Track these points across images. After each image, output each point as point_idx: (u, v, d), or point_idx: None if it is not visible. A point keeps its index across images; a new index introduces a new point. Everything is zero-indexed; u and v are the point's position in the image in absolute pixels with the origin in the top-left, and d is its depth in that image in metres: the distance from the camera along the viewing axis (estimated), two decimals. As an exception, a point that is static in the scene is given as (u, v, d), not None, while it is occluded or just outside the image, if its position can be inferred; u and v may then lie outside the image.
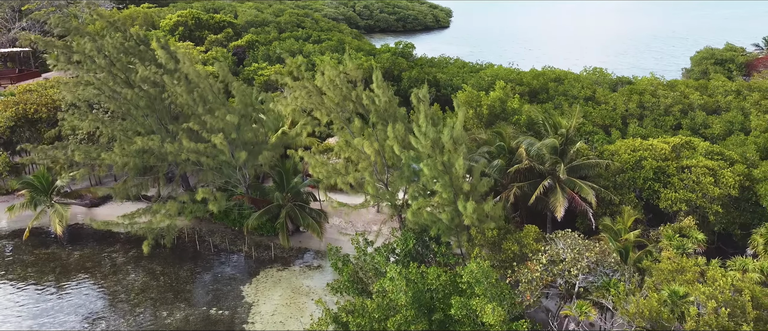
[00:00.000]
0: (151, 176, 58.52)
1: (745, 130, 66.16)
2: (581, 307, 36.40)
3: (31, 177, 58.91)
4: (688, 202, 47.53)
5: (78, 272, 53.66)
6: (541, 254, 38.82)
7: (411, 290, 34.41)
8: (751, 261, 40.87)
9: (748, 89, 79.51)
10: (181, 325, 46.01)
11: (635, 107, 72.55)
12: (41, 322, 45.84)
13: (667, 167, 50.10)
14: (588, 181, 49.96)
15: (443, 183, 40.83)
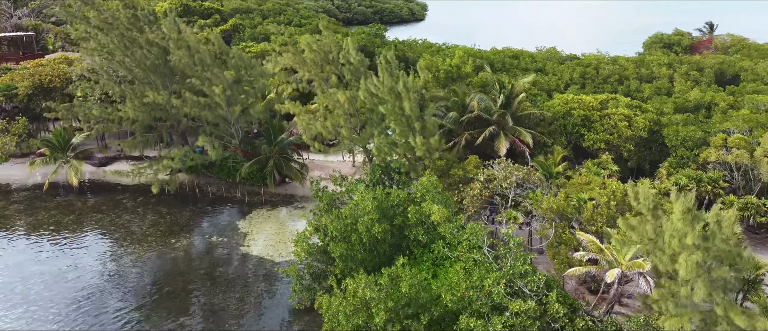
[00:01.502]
0: (156, 133, 67.14)
1: (669, 93, 76.83)
2: (510, 214, 46.34)
3: (50, 136, 67.55)
4: (607, 142, 57.84)
5: (95, 213, 62.39)
6: (480, 174, 48.65)
7: (376, 203, 43.80)
8: (649, 182, 51.15)
9: (678, 63, 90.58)
10: (188, 248, 55.18)
11: (578, 77, 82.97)
12: (68, 252, 54.61)
13: (592, 115, 60.37)
14: (527, 128, 60.07)
15: (398, 122, 50.57)
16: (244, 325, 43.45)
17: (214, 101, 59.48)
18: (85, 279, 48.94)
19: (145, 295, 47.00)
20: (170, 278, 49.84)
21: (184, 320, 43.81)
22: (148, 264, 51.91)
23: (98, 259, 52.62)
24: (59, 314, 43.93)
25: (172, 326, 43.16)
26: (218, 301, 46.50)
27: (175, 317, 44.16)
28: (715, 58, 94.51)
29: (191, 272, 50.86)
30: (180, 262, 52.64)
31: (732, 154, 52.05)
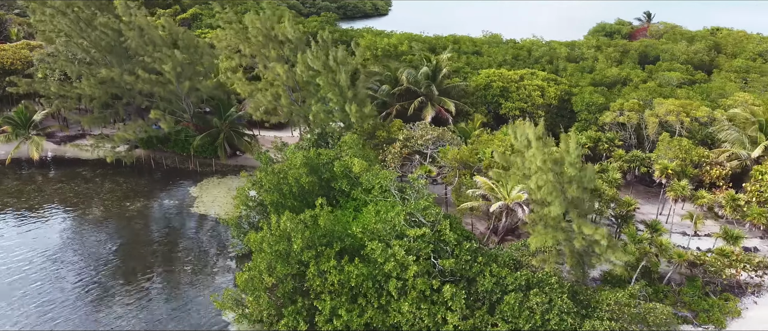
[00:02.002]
0: (113, 110, 71.93)
1: (592, 71, 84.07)
2: (424, 168, 52.63)
3: (12, 113, 71.96)
4: (521, 109, 64.57)
5: (55, 184, 67.14)
6: (400, 134, 54.90)
7: (304, 159, 49.59)
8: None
9: (606, 46, 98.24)
10: (142, 209, 60.46)
11: (511, 58, 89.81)
12: (29, 217, 59.42)
13: (510, 87, 67.07)
14: (452, 98, 66.53)
15: (333, 92, 56.56)
16: (191, 270, 49.04)
17: (165, 78, 64.65)
18: (45, 240, 53.96)
19: (102, 248, 52.27)
20: (124, 233, 55.19)
21: (136, 266, 49.30)
22: (103, 223, 57.10)
23: (59, 221, 57.62)
24: (23, 273, 48.97)
25: (126, 272, 48.60)
26: (168, 251, 52.04)
27: (129, 266, 49.61)
28: (641, 42, 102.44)
29: (143, 229, 56.30)
30: (133, 220, 57.94)
31: (624, 116, 59.10)
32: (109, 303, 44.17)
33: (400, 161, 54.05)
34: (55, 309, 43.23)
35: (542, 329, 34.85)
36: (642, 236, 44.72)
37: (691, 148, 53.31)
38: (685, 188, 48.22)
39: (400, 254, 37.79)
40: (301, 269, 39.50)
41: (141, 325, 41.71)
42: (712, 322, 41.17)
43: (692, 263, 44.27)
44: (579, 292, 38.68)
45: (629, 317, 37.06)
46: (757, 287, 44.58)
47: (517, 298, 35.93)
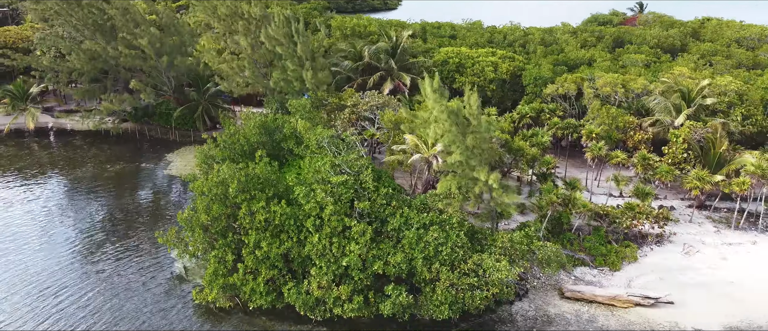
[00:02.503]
0: (101, 84, 77.80)
1: (561, 53, 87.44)
2: (369, 132, 57.15)
3: (10, 86, 78.42)
4: (473, 83, 68.58)
5: (47, 150, 73.41)
6: (349, 101, 59.48)
7: (259, 121, 54.40)
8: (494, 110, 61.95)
9: (582, 32, 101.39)
10: (119, 171, 66.16)
11: (485, 41, 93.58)
12: (22, 177, 65.60)
13: (466, 63, 71.12)
14: (411, 73, 70.85)
15: (292, 60, 61.44)
16: (149, 216, 54.42)
17: (145, 53, 70.27)
18: (35, 195, 60.02)
19: (82, 200, 58.12)
20: (99, 189, 60.91)
21: (110, 214, 55.00)
22: (83, 181, 62.96)
23: (47, 178, 63.68)
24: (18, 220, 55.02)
25: (100, 218, 54.31)
26: (138, 202, 57.64)
27: (103, 213, 55.29)
28: (617, 28, 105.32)
29: (117, 186, 61.93)
30: (109, 179, 63.66)
31: (563, 87, 62.78)
32: (71, 241, 49.77)
33: (347, 126, 58.58)
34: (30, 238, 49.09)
35: (434, 258, 39.08)
36: (558, 190, 48.60)
37: (618, 114, 56.86)
38: (601, 149, 51.93)
39: (320, 196, 42.34)
40: (234, 210, 44.37)
41: (95, 256, 47.18)
42: (608, 265, 45.00)
43: (599, 214, 48.05)
44: (478, 232, 42.88)
45: (520, 253, 41.13)
46: (659, 237, 48.16)
47: (417, 233, 40.22)
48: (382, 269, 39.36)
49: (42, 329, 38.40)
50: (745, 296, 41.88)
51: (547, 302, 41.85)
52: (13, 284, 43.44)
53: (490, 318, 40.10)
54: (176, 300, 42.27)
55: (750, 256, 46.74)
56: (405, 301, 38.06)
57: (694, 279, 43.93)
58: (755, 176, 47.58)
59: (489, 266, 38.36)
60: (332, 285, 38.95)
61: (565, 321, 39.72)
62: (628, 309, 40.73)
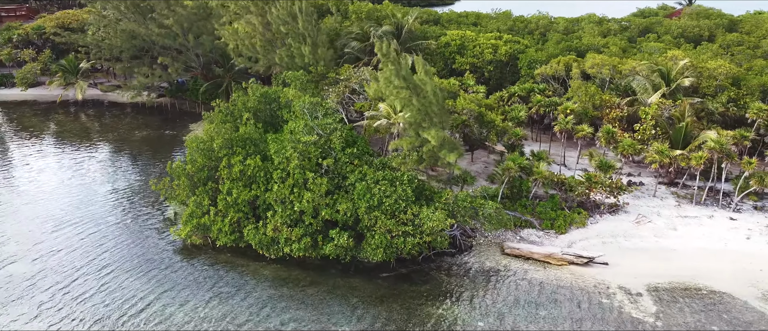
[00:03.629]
0: (140, 61, 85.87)
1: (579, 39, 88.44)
2: (358, 105, 61.45)
3: (63, 61, 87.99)
4: (472, 64, 71.54)
5: (90, 118, 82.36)
6: (342, 75, 64.00)
7: (262, 92, 59.68)
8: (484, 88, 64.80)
9: (607, 21, 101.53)
10: (144, 136, 73.69)
11: (506, 29, 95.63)
12: (67, 140, 74.33)
13: (468, 45, 74.09)
14: (414, 53, 74.49)
15: (294, 37, 66.63)
16: (158, 172, 61.03)
17: (174, 32, 77.52)
18: (76, 152, 68.45)
19: (106, 157, 65.89)
20: (126, 149, 68.61)
21: (126, 169, 62.31)
22: (113, 142, 71.07)
23: (82, 138, 72.13)
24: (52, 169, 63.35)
25: (117, 171, 61.79)
26: (152, 161, 64.78)
27: (120, 168, 62.72)
28: (646, 19, 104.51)
29: (140, 148, 69.47)
30: (135, 142, 71.38)
31: (551, 68, 64.76)
32: (89, 188, 57.09)
33: (340, 98, 63.13)
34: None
35: (377, 208, 42.92)
36: (522, 159, 51.22)
37: (596, 92, 58.50)
38: (569, 122, 54.00)
39: (289, 152, 47.22)
40: (216, 163, 49.92)
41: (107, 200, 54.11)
42: (555, 228, 47.41)
43: (556, 183, 50.36)
44: (427, 188, 46.42)
45: (462, 209, 44.42)
46: (614, 207, 49.92)
47: (366, 186, 44.24)
48: (331, 216, 43.75)
49: (48, 249, 45.21)
50: (679, 261, 43.40)
51: (487, 257, 44.87)
52: (35, 218, 50.89)
53: (428, 266, 43.58)
54: (159, 238, 48.19)
55: (701, 228, 47.79)
56: (345, 243, 42.26)
57: (636, 245, 45.69)
58: (714, 151, 48.48)
59: (424, 216, 41.97)
60: (285, 228, 43.64)
61: (497, 273, 42.69)
62: (562, 267, 43.16)
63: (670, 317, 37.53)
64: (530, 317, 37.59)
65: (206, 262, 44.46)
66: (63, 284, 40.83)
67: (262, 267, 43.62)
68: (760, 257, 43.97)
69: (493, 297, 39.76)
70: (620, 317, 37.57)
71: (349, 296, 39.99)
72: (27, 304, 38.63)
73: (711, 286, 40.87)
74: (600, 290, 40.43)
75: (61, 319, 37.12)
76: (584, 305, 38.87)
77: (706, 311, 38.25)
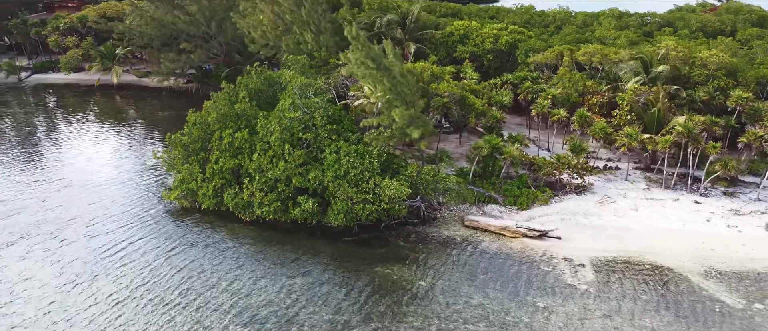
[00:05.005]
0: (169, 48, 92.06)
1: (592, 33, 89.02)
2: (354, 87, 64.89)
3: (101, 48, 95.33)
4: (472, 53, 73.83)
5: (123, 99, 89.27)
6: (343, 60, 67.57)
7: (267, 76, 63.94)
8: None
9: (628, 16, 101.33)
10: (166, 116, 79.61)
11: (522, 22, 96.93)
12: (101, 117, 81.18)
13: (470, 34, 76.36)
14: (420, 43, 77.45)
15: (299, 25, 70.79)
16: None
17: (197, 20, 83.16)
18: (101, 127, 75.02)
19: (128, 133, 71.91)
20: (148, 126, 74.53)
21: (143, 143, 68.05)
22: (138, 119, 77.29)
23: (113, 117, 78.69)
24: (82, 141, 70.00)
25: (136, 144, 67.65)
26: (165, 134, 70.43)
27: (139, 142, 68.51)
28: (669, 12, 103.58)
29: (160, 125, 75.22)
30: (157, 121, 77.44)
31: (544, 57, 66.35)
32: (111, 156, 63.02)
33: (335, 81, 66.76)
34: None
35: (343, 177, 46.28)
36: (496, 140, 53.47)
37: (580, 79, 59.90)
38: (545, 107, 55.79)
39: (272, 126, 51.27)
40: (210, 135, 54.50)
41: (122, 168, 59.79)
42: (517, 205, 49.55)
43: (524, 163, 52.41)
44: (395, 163, 49.45)
45: (425, 183, 47.27)
46: (581, 187, 51.50)
47: (336, 157, 47.71)
48: (301, 184, 47.45)
49: (53, 205, 50.91)
50: (633, 239, 44.87)
51: (448, 228, 47.54)
52: (46, 181, 56.98)
53: (389, 233, 46.64)
54: (157, 201, 53.12)
55: (664, 210, 48.86)
56: (311, 209, 45.85)
57: (593, 223, 47.32)
58: (681, 135, 49.39)
59: (384, 186, 45.09)
60: (259, 193, 47.63)
61: (452, 241, 45.36)
62: (515, 239, 45.37)
63: (602, 285, 39.34)
64: (469, 279, 40.17)
65: (190, 221, 49.09)
66: (55, 233, 46.24)
67: (238, 228, 47.78)
68: (714, 238, 44.89)
69: (440, 261, 42.52)
70: (555, 283, 39.64)
71: (310, 255, 43.56)
72: (20, 246, 44.13)
73: (656, 261, 42.27)
74: (545, 260, 42.52)
75: (43, 257, 42.31)
76: (525, 271, 41.11)
77: (639, 281, 39.83)
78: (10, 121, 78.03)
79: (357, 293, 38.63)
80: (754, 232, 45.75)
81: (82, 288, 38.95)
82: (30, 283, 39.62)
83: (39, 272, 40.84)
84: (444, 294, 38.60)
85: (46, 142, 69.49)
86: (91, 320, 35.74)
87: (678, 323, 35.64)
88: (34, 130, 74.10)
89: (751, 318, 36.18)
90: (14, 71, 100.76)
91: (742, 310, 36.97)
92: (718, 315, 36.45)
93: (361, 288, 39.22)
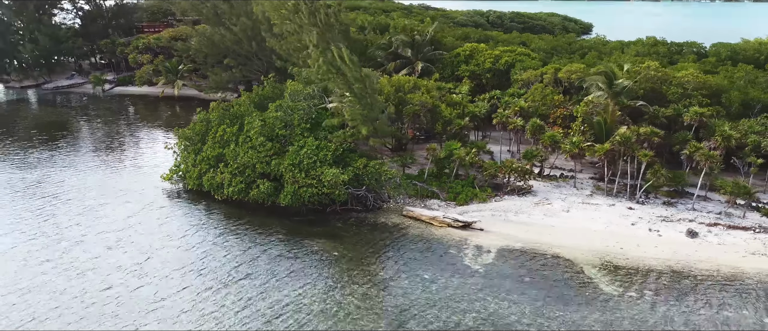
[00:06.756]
0: (222, 66, 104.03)
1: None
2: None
3: (167, 64, 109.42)
4: (472, 72, 78.71)
5: (180, 108, 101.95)
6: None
7: (273, 86, 72.80)
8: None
9: (662, 44, 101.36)
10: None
11: (548, 48, 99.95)
12: (157, 120, 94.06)
13: (476, 55, 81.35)
14: (430, 63, 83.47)
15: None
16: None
17: (240, 38, 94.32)
18: (147, 128, 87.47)
19: (172, 131, 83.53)
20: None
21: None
22: (182, 123, 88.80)
23: (159, 120, 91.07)
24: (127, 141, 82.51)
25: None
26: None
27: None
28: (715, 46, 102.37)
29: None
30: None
31: (528, 74, 69.96)
32: (149, 152, 74.15)
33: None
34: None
35: (297, 165, 53.08)
36: (454, 144, 58.20)
37: (549, 93, 63.14)
38: (505, 116, 59.74)
39: (256, 122, 59.43)
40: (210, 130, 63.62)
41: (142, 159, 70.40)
42: (456, 201, 53.86)
43: (474, 165, 56.63)
44: (346, 156, 55.56)
45: (369, 174, 53.04)
46: (523, 190, 54.83)
47: (296, 149, 54.72)
48: (264, 169, 54.79)
49: (67, 178, 61.83)
50: (551, 234, 47.81)
51: (386, 216, 52.79)
52: (73, 165, 68.59)
53: (332, 217, 52.64)
54: (157, 183, 62.58)
55: (594, 213, 51.14)
56: (266, 190, 52.98)
57: (521, 219, 50.65)
58: (616, 143, 51.71)
59: (326, 173, 51.42)
60: (229, 175, 55.48)
61: (383, 226, 50.65)
62: (441, 228, 49.80)
63: (493, 267, 43.08)
64: (376, 253, 45.49)
65: (175, 197, 57.89)
66: (50, 199, 56.62)
67: (212, 204, 55.75)
68: (629, 238, 46.95)
69: (362, 240, 48.05)
70: (453, 263, 43.84)
71: (263, 228, 50.48)
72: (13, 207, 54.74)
73: (559, 253, 45.21)
74: (457, 245, 46.72)
75: (34, 211, 52.43)
76: (434, 253, 45.61)
77: (530, 267, 43.12)
78: (97, 120, 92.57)
79: (287, 257, 45.02)
80: (673, 236, 47.16)
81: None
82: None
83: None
84: (349, 263, 44.14)
85: (104, 137, 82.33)
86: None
87: (539, 299, 38.80)
88: (110, 128, 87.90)
89: (616, 303, 38.57)
90: (100, 83, 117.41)
91: (614, 296, 39.39)
92: (584, 296, 39.15)
93: (289, 253, 45.56)
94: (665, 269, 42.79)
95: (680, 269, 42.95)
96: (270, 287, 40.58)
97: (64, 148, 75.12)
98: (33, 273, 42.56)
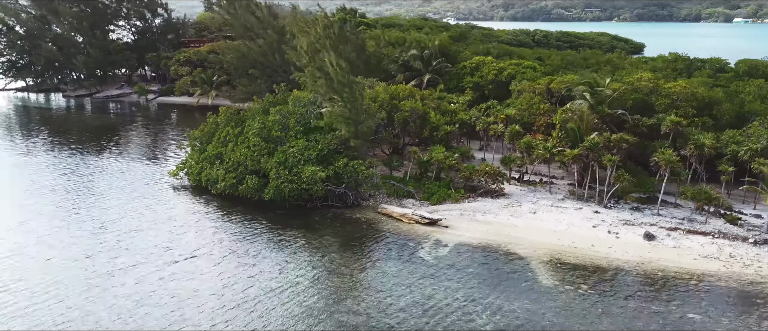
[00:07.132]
0: (250, 77, 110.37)
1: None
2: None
3: (203, 75, 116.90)
4: (476, 83, 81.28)
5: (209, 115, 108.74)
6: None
7: (283, 94, 77.85)
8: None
9: (681, 60, 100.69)
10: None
11: (565, 63, 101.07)
12: (186, 124, 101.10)
13: (481, 67, 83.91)
14: (438, 75, 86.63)
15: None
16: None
17: (264, 49, 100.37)
18: (173, 132, 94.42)
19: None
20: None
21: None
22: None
23: (190, 125, 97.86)
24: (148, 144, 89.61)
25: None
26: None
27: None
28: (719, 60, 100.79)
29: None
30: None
31: (522, 85, 71.89)
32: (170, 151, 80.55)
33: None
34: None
35: (283, 164, 57.19)
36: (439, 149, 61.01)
37: (536, 102, 64.98)
38: (486, 123, 62.05)
39: (255, 125, 64.18)
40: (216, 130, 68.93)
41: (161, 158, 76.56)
42: (430, 201, 56.54)
43: (451, 167, 59.21)
44: (329, 156, 59.25)
45: (348, 173, 56.56)
46: (496, 193, 56.92)
47: (285, 149, 58.90)
48: (253, 167, 59.23)
49: (87, 168, 68.22)
50: (512, 233, 49.82)
51: (363, 212, 56.07)
52: (89, 161, 75.29)
53: (312, 212, 56.33)
54: (171, 179, 68.16)
55: (560, 215, 52.66)
56: (252, 185, 57.31)
57: (487, 219, 52.81)
58: (584, 149, 53.23)
59: (304, 170, 55.31)
60: (222, 172, 60.22)
61: (356, 220, 53.95)
62: (409, 224, 52.63)
63: (445, 260, 45.50)
64: (343, 244, 48.91)
65: (179, 189, 63.14)
66: (55, 185, 62.77)
67: (209, 198, 60.57)
68: (586, 239, 48.42)
69: (334, 231, 51.49)
70: (410, 255, 46.58)
71: (247, 218, 54.81)
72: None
73: (513, 250, 47.23)
74: (419, 239, 49.46)
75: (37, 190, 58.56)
76: (394, 245, 48.49)
77: (480, 261, 45.35)
78: (137, 125, 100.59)
79: (264, 243, 49.05)
80: (631, 238, 48.28)
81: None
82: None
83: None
84: (315, 249, 47.76)
85: (140, 141, 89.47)
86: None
87: (474, 286, 41.06)
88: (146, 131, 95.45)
89: (547, 293, 40.35)
90: (144, 93, 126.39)
91: (548, 287, 41.18)
92: (519, 286, 41.14)
93: (268, 242, 49.57)
94: (611, 267, 44.14)
95: (627, 267, 44.19)
96: (241, 265, 44.74)
97: (109, 149, 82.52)
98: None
